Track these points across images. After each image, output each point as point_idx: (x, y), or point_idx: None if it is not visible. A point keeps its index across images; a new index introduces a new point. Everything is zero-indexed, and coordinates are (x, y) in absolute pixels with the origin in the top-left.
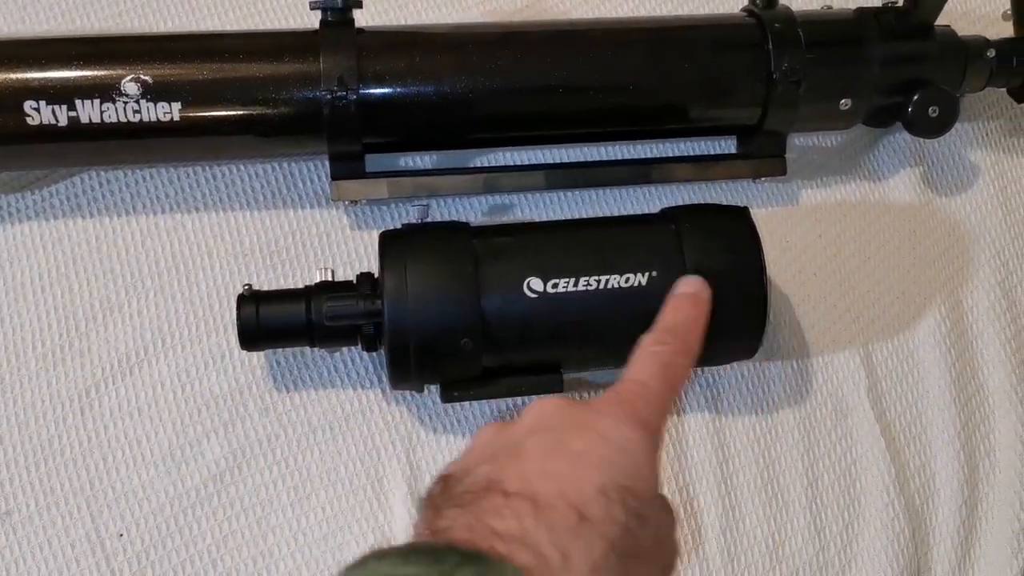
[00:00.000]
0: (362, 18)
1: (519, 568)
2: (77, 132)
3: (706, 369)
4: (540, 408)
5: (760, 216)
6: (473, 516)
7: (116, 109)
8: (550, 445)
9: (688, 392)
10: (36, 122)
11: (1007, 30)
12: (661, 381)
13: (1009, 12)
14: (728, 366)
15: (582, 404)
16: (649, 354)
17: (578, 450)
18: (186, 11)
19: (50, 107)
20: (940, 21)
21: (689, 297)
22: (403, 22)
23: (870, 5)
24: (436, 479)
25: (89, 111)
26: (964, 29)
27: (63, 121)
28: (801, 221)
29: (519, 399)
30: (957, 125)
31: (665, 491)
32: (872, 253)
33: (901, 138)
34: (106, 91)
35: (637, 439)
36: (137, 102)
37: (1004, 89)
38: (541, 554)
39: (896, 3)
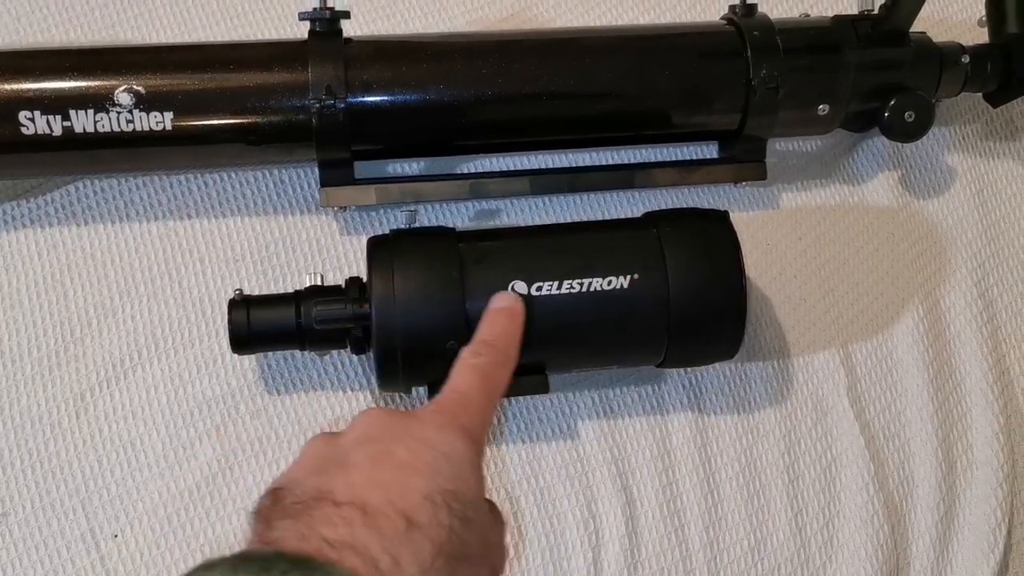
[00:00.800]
0: (350, 28)
1: (349, 571)
2: (71, 141)
3: (689, 369)
4: (366, 419)
5: (741, 219)
6: (304, 525)
7: (110, 119)
8: (377, 455)
9: (671, 392)
10: (31, 132)
11: (983, 36)
12: (481, 391)
13: (984, 18)
14: (710, 366)
15: (406, 414)
16: (469, 366)
17: (404, 459)
18: (177, 22)
19: (45, 117)
20: (917, 28)
21: (503, 311)
22: (390, 31)
23: (847, 13)
24: (266, 493)
25: (83, 121)
26: (941, 35)
27: (58, 131)
28: (782, 224)
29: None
30: (934, 129)
31: (649, 489)
32: (851, 255)
33: (879, 142)
34: (100, 101)
35: (460, 445)
36: (130, 112)
37: (980, 94)
38: (371, 558)
39: (872, 11)
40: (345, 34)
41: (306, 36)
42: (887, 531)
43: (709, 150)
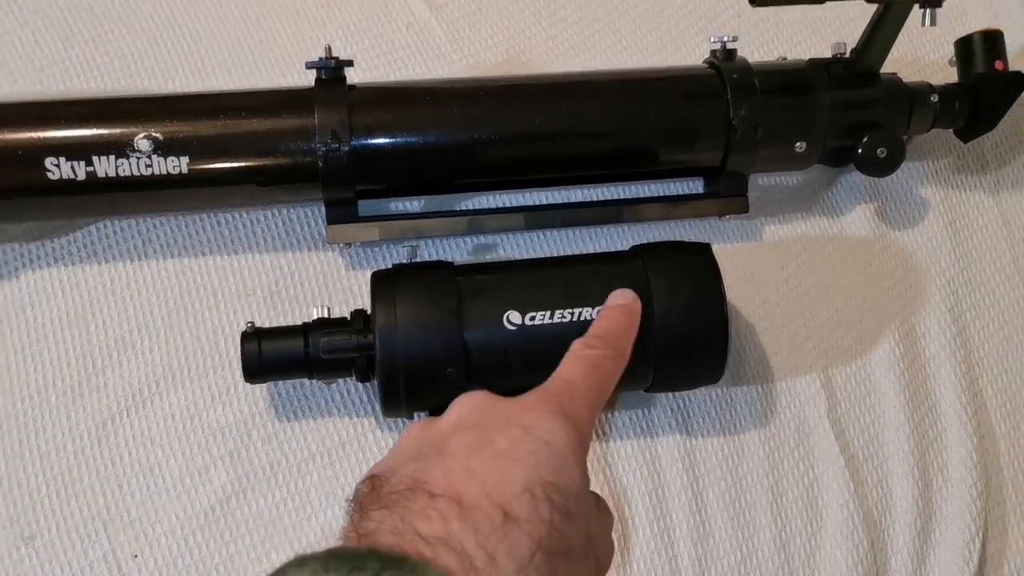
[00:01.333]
0: (353, 75)
1: (442, 571)
2: (94, 185)
3: (676, 394)
4: (465, 403)
5: (726, 251)
6: (399, 518)
7: (130, 164)
8: (474, 442)
9: (660, 415)
10: (56, 177)
11: (953, 75)
12: (589, 381)
13: (953, 59)
14: (697, 391)
15: (507, 400)
16: (579, 356)
17: (503, 447)
18: (192, 71)
19: (69, 163)
20: (893, 68)
21: (620, 308)
22: (391, 78)
23: (821, 56)
24: (364, 479)
25: (105, 166)
26: (913, 75)
27: (81, 175)
28: (764, 255)
29: None
30: (908, 163)
31: (640, 507)
32: (831, 284)
33: (857, 177)
34: (121, 147)
35: (562, 434)
36: (149, 157)
37: (951, 130)
38: (466, 555)
39: (844, 54)
40: (348, 81)
41: (312, 83)
42: (867, 546)
43: (694, 185)
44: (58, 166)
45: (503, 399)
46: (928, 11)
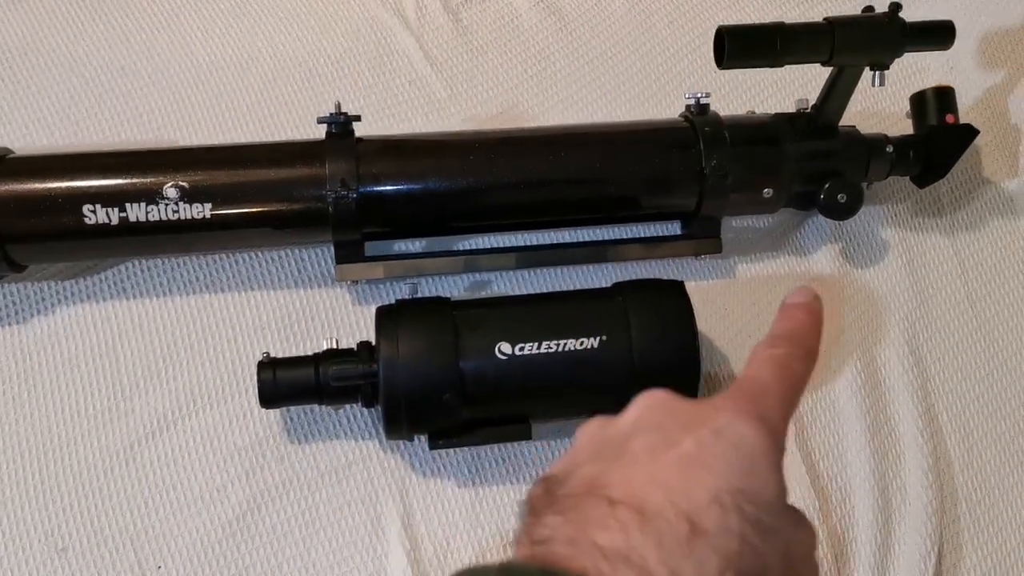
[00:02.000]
0: (360, 128)
1: None
2: (126, 229)
3: None
4: (649, 400)
5: (701, 288)
6: (575, 527)
7: (159, 210)
8: (658, 445)
9: None
10: (92, 221)
11: (910, 127)
12: (780, 381)
13: (909, 112)
14: None
15: (694, 400)
16: (766, 356)
17: (689, 451)
18: (214, 125)
19: (104, 209)
20: (856, 120)
21: (801, 306)
22: (395, 130)
23: (786, 110)
24: (538, 481)
25: (137, 212)
26: (876, 125)
27: (115, 220)
28: (737, 292)
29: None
30: (869, 207)
31: None
32: None
33: (822, 220)
34: (151, 195)
35: (756, 436)
36: (176, 204)
37: (908, 177)
38: (647, 573)
39: (807, 109)
40: (356, 134)
41: (324, 136)
42: (831, 559)
43: (672, 228)
44: (95, 212)
45: (688, 400)
46: (877, 73)
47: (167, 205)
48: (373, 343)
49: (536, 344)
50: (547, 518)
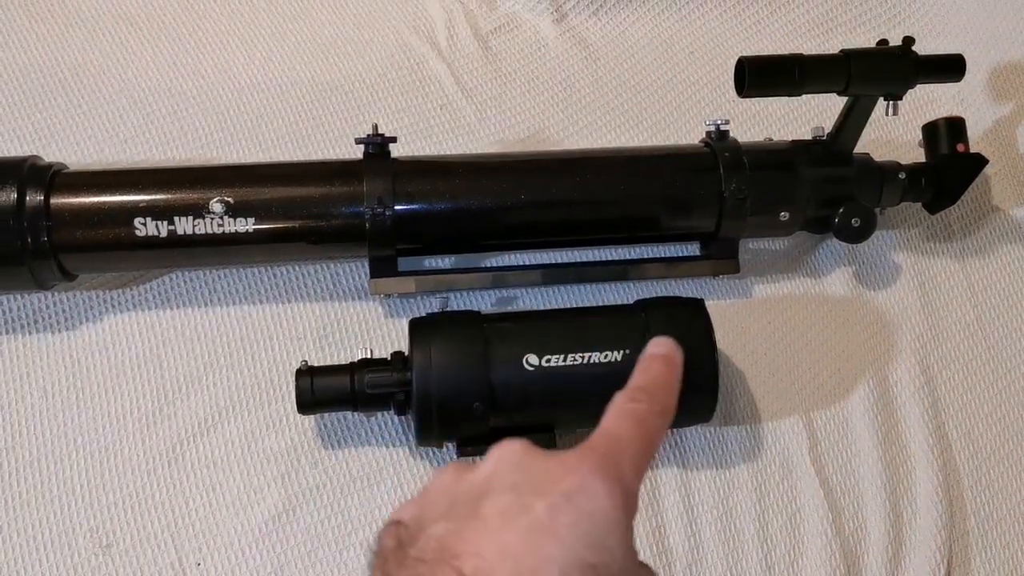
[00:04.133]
0: (396, 149)
1: None
2: (174, 242)
3: (675, 431)
4: (506, 455)
5: (719, 307)
6: None
7: (205, 223)
8: (510, 509)
9: (660, 451)
10: (143, 234)
11: (923, 155)
12: (637, 437)
13: (921, 141)
14: (692, 430)
15: (550, 455)
16: (624, 410)
17: (539, 518)
18: (257, 144)
19: (154, 222)
20: (870, 148)
21: (659, 358)
22: (429, 152)
23: (803, 137)
24: (388, 524)
25: (184, 225)
26: (889, 154)
27: (163, 233)
28: (753, 311)
29: None
30: (882, 232)
31: (640, 532)
32: (813, 337)
33: (836, 243)
34: (198, 209)
35: (607, 500)
36: (222, 218)
37: (920, 203)
38: None
39: (823, 136)
40: (392, 155)
41: (361, 156)
42: (843, 570)
43: (691, 248)
44: (145, 224)
45: (544, 454)
46: (891, 103)
47: (213, 219)
48: (406, 353)
49: (562, 356)
50: None
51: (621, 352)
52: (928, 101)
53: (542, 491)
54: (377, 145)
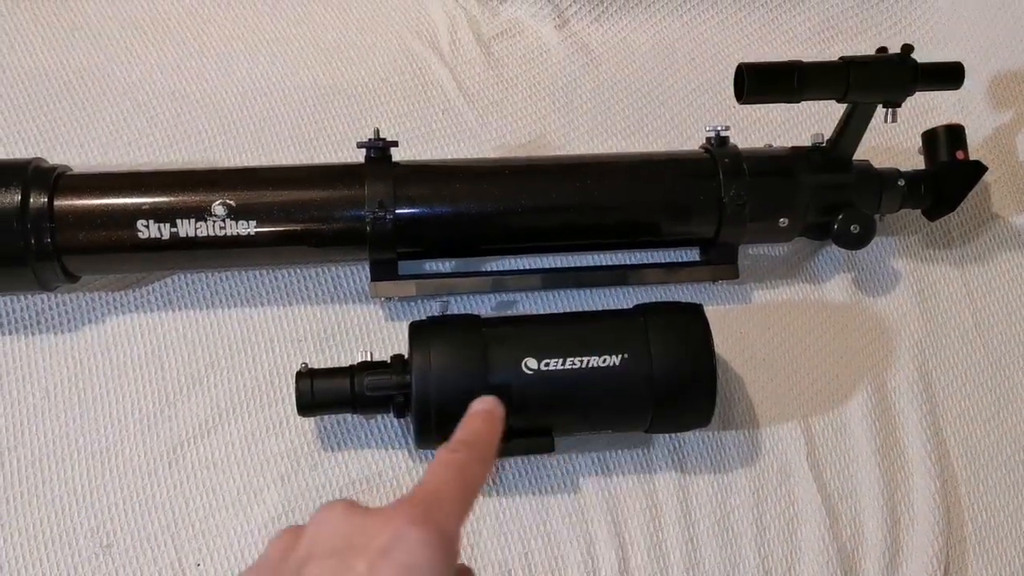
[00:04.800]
0: (397, 154)
1: None
2: (176, 244)
3: (674, 436)
4: (328, 518)
5: (718, 312)
6: None
7: (207, 226)
8: (332, 571)
9: (658, 455)
10: (145, 236)
11: (922, 162)
12: (456, 486)
13: (921, 148)
14: (691, 434)
15: (370, 512)
16: (444, 462)
17: None
18: (259, 148)
19: (157, 224)
20: (869, 155)
21: (481, 413)
22: (430, 156)
23: (802, 144)
24: None
25: (187, 228)
26: (886, 161)
27: (166, 235)
28: (752, 316)
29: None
30: (881, 239)
31: (639, 535)
32: (811, 343)
33: (835, 249)
34: (200, 212)
35: (425, 550)
36: (224, 220)
37: (919, 210)
38: None
39: (822, 143)
40: (393, 159)
41: (363, 160)
42: (841, 575)
43: (690, 254)
44: (147, 227)
45: (363, 512)
46: (890, 110)
47: (215, 222)
48: (406, 356)
49: (561, 360)
50: None
51: (620, 356)
52: (928, 108)
53: (361, 550)
54: (379, 149)
